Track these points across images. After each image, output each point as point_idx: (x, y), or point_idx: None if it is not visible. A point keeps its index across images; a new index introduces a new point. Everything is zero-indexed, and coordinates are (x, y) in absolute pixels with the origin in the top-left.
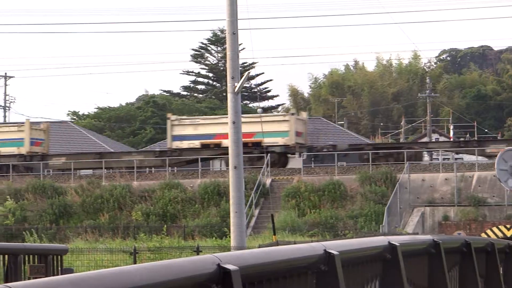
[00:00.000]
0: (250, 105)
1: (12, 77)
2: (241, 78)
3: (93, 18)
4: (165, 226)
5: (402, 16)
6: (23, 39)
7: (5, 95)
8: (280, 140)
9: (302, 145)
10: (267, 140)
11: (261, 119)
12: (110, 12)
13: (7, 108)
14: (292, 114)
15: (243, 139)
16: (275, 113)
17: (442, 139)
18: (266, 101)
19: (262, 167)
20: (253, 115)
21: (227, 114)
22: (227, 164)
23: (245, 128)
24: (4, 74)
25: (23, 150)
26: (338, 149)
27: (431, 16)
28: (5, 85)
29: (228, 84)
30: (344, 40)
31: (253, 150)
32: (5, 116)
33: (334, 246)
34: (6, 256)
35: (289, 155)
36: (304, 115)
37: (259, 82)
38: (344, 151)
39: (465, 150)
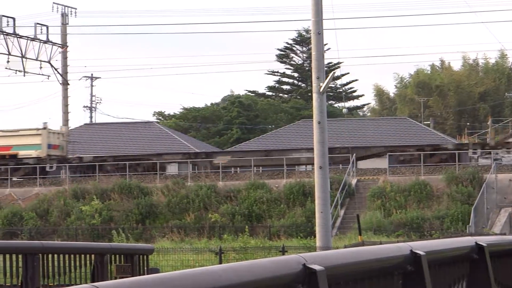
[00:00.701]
0: (335, 105)
1: (98, 78)
2: (326, 78)
3: (178, 19)
4: (248, 226)
5: (489, 15)
6: (113, 40)
7: (91, 95)
8: (33, 153)
9: (59, 156)
10: (22, 153)
11: (18, 133)
12: (193, 12)
13: (93, 108)
14: (44, 128)
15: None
16: (29, 128)
17: None
18: (352, 101)
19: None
20: (10, 129)
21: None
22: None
23: (3, 142)
24: (90, 75)
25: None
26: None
27: None
28: (91, 86)
29: (313, 84)
30: (430, 40)
31: (9, 162)
32: (91, 117)
33: (421, 246)
34: (93, 256)
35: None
36: (63, 129)
37: (345, 82)
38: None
39: None
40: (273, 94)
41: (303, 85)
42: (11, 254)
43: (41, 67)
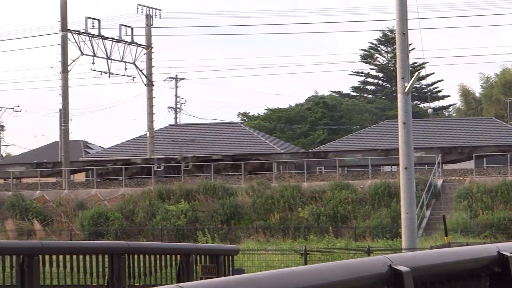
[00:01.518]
0: (420, 105)
1: (182, 79)
2: (411, 78)
3: (262, 19)
4: (332, 227)
5: None
6: (197, 41)
7: (176, 96)
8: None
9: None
10: None
11: None
12: (278, 13)
13: (178, 109)
14: None
15: None
16: None
17: None
18: (437, 101)
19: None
20: None
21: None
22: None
23: None
24: (174, 76)
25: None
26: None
27: None
28: (176, 87)
29: (398, 85)
30: None
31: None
32: (176, 118)
33: (508, 247)
34: (178, 256)
35: None
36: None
37: (430, 83)
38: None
39: None
40: (358, 94)
41: (387, 85)
42: (97, 254)
43: (126, 69)
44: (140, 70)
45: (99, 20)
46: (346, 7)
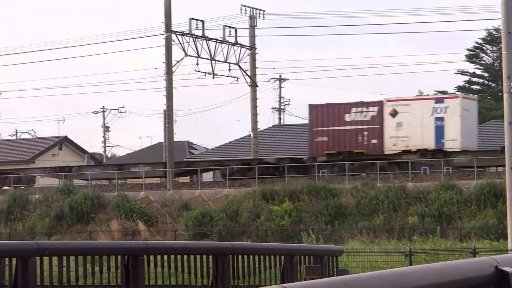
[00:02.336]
0: None
1: (286, 79)
2: None
3: (365, 19)
4: (439, 227)
5: None
6: (296, 41)
7: (280, 97)
8: None
9: None
10: None
11: None
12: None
13: (281, 110)
14: None
15: None
16: None
17: None
18: None
19: None
20: None
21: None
22: None
23: None
24: (278, 77)
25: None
26: None
27: None
28: (280, 87)
29: (504, 84)
30: None
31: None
32: (279, 119)
33: None
34: (283, 256)
35: None
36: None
37: None
38: None
39: None
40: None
41: (493, 85)
42: (201, 254)
43: (229, 69)
44: (244, 71)
45: (203, 21)
46: (454, 6)
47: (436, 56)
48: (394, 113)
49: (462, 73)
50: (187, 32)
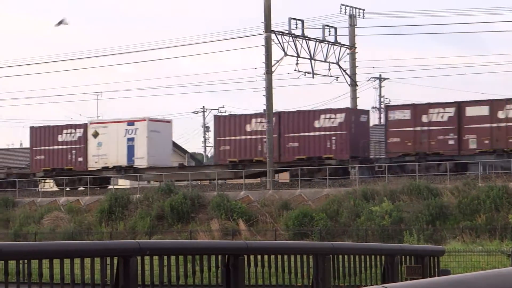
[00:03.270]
0: None
1: (386, 78)
2: None
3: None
4: None
5: None
6: (396, 40)
7: (380, 96)
8: None
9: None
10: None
11: None
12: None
13: (382, 109)
14: None
15: None
16: None
17: None
18: None
19: None
20: None
21: None
22: None
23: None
24: (378, 76)
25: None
26: None
27: None
28: (380, 87)
29: None
30: None
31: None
32: (380, 118)
33: None
34: (383, 256)
35: None
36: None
37: None
38: None
39: None
40: None
41: None
42: (301, 254)
43: (329, 69)
44: (344, 70)
45: (302, 21)
46: None
47: None
48: (95, 134)
49: None
50: (286, 31)
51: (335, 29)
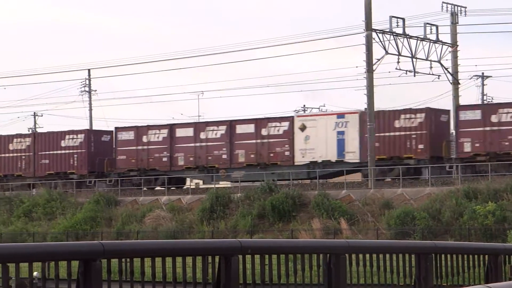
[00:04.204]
0: None
1: (489, 76)
2: None
3: None
4: None
5: None
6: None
7: (482, 95)
8: None
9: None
10: None
11: None
12: None
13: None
14: None
15: None
16: None
17: None
18: None
19: None
20: None
21: None
22: None
23: None
24: (481, 74)
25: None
26: None
27: None
28: (482, 85)
29: None
30: None
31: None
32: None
33: None
34: (486, 256)
35: None
36: None
37: None
38: None
39: None
40: None
41: None
42: (403, 253)
43: (431, 67)
44: (446, 69)
45: (403, 19)
46: None
47: None
48: (303, 128)
49: None
50: (387, 30)
51: (437, 27)
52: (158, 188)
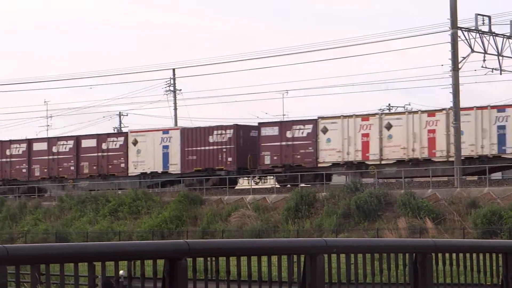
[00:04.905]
0: None
1: None
2: None
3: None
4: None
5: None
6: None
7: None
8: None
9: None
10: None
11: None
12: None
13: None
14: None
15: None
16: None
17: None
18: None
19: None
20: None
21: None
22: None
23: None
24: None
25: None
26: None
27: None
28: None
29: None
30: None
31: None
32: None
33: None
34: None
35: None
36: None
37: None
38: None
39: None
40: None
41: None
42: (490, 253)
43: None
44: None
45: (489, 17)
46: None
47: None
48: (388, 126)
49: None
50: (473, 28)
51: None
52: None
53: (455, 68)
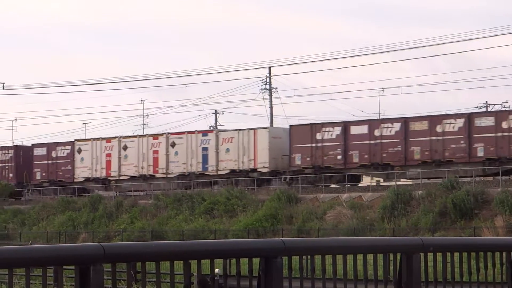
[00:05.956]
0: None
1: None
2: None
3: None
4: None
5: None
6: None
7: None
8: None
9: None
10: None
11: None
12: None
13: None
14: None
15: None
16: None
17: None
18: None
19: None
20: None
21: None
22: None
23: None
24: None
25: None
26: None
27: None
28: None
29: None
30: None
31: None
32: None
33: None
34: None
35: None
36: None
37: None
38: None
39: None
40: None
41: None
42: None
43: None
44: None
45: None
46: None
47: None
48: None
49: None
50: None
51: None
52: (333, 185)
53: None
